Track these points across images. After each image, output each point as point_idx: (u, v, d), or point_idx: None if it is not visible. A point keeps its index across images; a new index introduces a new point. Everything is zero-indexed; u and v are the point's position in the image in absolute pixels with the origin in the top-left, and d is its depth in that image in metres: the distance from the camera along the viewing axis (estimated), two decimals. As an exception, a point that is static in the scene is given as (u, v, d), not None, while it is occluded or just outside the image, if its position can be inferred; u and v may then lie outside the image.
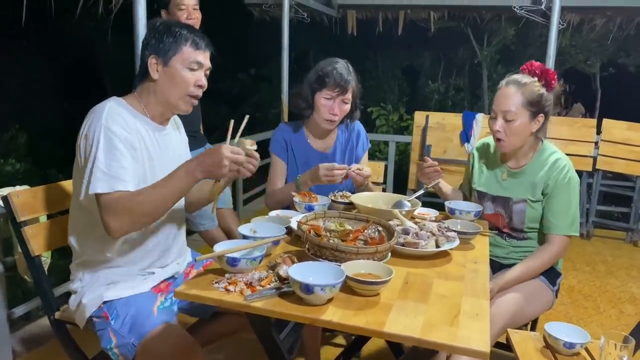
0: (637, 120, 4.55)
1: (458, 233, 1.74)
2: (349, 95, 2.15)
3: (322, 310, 1.23)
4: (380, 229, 1.65)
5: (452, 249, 1.66)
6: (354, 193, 2.10)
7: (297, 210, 1.96)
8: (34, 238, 1.75)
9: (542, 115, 1.94)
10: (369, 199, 1.99)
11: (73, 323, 1.71)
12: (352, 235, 1.57)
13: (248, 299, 1.26)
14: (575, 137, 4.61)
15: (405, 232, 1.66)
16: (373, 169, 2.50)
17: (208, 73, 1.69)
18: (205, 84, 1.67)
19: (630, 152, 4.47)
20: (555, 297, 2.04)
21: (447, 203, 2.00)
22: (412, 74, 10.60)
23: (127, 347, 1.53)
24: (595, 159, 4.58)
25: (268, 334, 1.44)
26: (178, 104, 1.65)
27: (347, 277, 1.29)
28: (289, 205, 2.14)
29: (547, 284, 1.98)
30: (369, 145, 2.40)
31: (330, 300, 1.27)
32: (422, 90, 10.23)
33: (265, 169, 2.35)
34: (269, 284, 1.33)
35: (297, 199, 1.96)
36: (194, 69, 1.63)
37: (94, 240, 1.63)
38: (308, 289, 1.21)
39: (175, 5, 2.60)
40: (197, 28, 2.64)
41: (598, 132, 4.63)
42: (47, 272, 2.00)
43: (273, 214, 1.90)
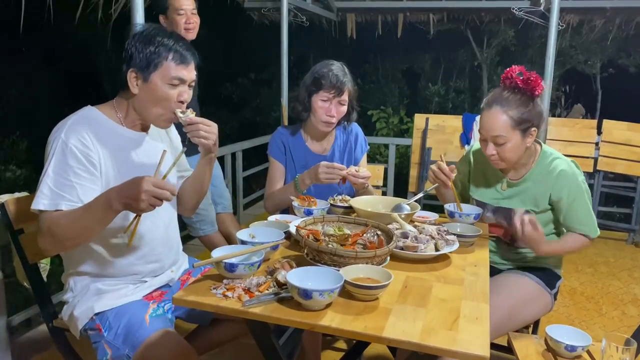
0: (637, 121, 4.55)
1: (458, 236, 1.73)
2: (346, 97, 2.15)
3: (320, 316, 1.22)
4: (379, 233, 1.64)
5: (451, 253, 1.65)
6: (354, 197, 2.10)
7: (296, 215, 1.95)
8: (32, 245, 1.74)
9: (534, 129, 1.87)
10: (368, 203, 1.98)
11: (72, 330, 1.71)
12: (350, 240, 1.56)
13: (246, 305, 1.25)
14: (576, 138, 4.61)
15: (405, 235, 1.65)
16: (373, 172, 2.49)
17: (193, 84, 1.62)
18: (188, 99, 1.59)
19: (631, 152, 4.47)
20: (554, 299, 2.02)
21: (446, 206, 1.98)
22: (412, 77, 10.59)
23: (122, 358, 1.52)
24: (596, 160, 4.57)
25: (267, 340, 1.43)
26: (156, 122, 1.60)
27: (345, 281, 1.28)
28: (288, 210, 2.14)
29: (544, 287, 1.96)
30: (368, 147, 2.40)
31: (329, 305, 1.27)
32: (422, 93, 10.22)
33: (265, 173, 2.36)
34: (268, 290, 1.33)
35: (296, 203, 1.95)
36: (176, 85, 1.55)
37: (79, 252, 1.61)
38: (306, 294, 1.20)
39: (174, 10, 2.60)
40: (195, 32, 2.67)
41: (599, 132, 4.63)
42: (46, 279, 1.99)
43: (272, 219, 1.89)
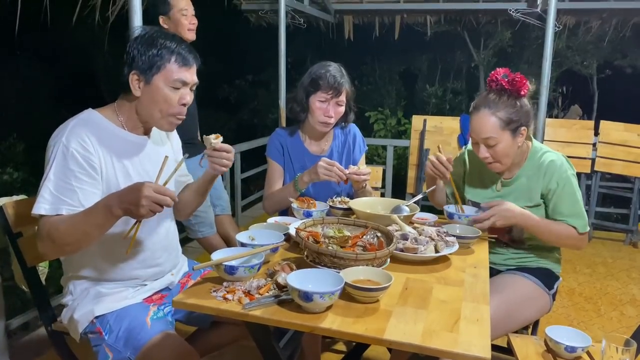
0: (634, 121, 4.56)
1: (457, 238, 1.73)
2: (343, 98, 2.16)
3: (321, 318, 1.22)
4: (379, 235, 1.64)
5: (451, 254, 1.65)
6: (353, 198, 2.10)
7: (295, 217, 1.95)
8: (30, 249, 1.74)
9: (524, 128, 1.90)
10: (368, 205, 1.98)
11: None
12: (350, 242, 1.56)
13: (246, 308, 1.25)
14: (573, 139, 4.61)
15: (404, 237, 1.65)
16: (371, 174, 2.49)
17: (194, 88, 1.62)
18: (190, 101, 1.59)
19: (628, 153, 4.47)
20: (553, 300, 2.02)
21: (446, 207, 1.98)
22: (409, 78, 10.61)
23: None
24: (594, 161, 4.58)
25: (267, 343, 1.43)
26: (160, 124, 1.60)
27: (346, 283, 1.28)
28: (287, 212, 2.14)
29: (542, 288, 1.96)
30: (366, 148, 2.40)
31: (330, 308, 1.27)
32: (419, 94, 10.24)
33: (263, 175, 2.36)
34: (268, 292, 1.32)
35: (295, 205, 1.95)
36: (178, 88, 1.55)
37: (79, 256, 1.60)
38: (307, 297, 1.20)
39: (179, 11, 2.63)
40: (194, 35, 2.68)
41: (596, 133, 4.64)
42: (45, 282, 1.98)
43: (271, 221, 1.89)
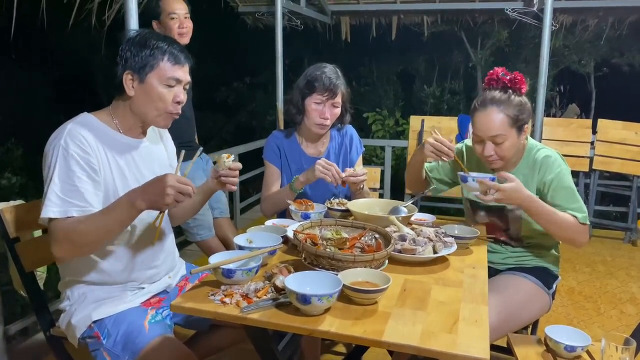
0: (632, 120, 4.56)
1: (455, 238, 1.73)
2: (339, 99, 2.16)
3: (319, 321, 1.22)
4: (377, 236, 1.64)
5: (449, 255, 1.65)
6: (350, 200, 2.10)
7: (293, 219, 1.95)
8: (28, 254, 1.73)
9: (526, 125, 1.91)
10: (365, 206, 1.98)
11: (69, 339, 1.69)
12: (348, 243, 1.56)
13: (244, 311, 1.24)
14: (571, 137, 4.62)
15: (402, 238, 1.65)
16: (369, 175, 2.49)
17: (187, 87, 1.64)
18: (184, 100, 1.61)
19: (626, 151, 4.48)
20: (552, 299, 2.02)
21: (459, 173, 1.93)
22: (407, 79, 10.60)
23: None
24: (592, 159, 4.58)
25: (266, 346, 1.43)
26: (156, 121, 1.61)
27: (344, 286, 1.28)
28: (285, 214, 2.14)
29: (542, 288, 1.96)
30: (363, 149, 2.40)
31: (328, 310, 1.26)
32: (417, 95, 10.22)
33: (261, 177, 2.35)
34: (266, 295, 1.32)
35: (293, 207, 1.95)
36: (172, 86, 1.57)
37: (75, 260, 1.60)
38: (305, 300, 1.20)
39: (167, 15, 2.61)
40: (188, 37, 2.67)
41: (594, 132, 4.64)
42: (43, 287, 1.98)
43: (269, 224, 1.89)
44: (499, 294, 1.84)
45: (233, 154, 1.71)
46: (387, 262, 1.52)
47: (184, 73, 1.60)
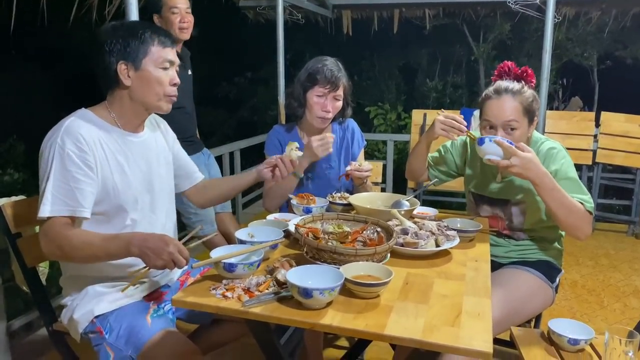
0: (635, 112, 4.54)
1: (458, 231, 1.72)
2: (341, 92, 2.15)
3: (321, 314, 1.22)
4: (379, 230, 1.63)
5: (452, 248, 1.64)
6: (352, 194, 2.09)
7: (294, 213, 1.94)
8: (30, 249, 1.73)
9: (536, 118, 1.93)
10: (367, 200, 1.98)
11: (72, 334, 1.69)
12: (350, 237, 1.56)
13: (246, 305, 1.24)
14: (574, 130, 4.60)
15: (405, 232, 1.64)
16: (372, 169, 2.48)
17: (178, 69, 1.66)
18: (179, 81, 1.64)
19: (629, 144, 4.46)
20: (555, 293, 2.01)
21: (476, 136, 1.90)
22: (409, 73, 10.56)
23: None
24: (595, 152, 4.56)
25: (268, 340, 1.43)
26: (158, 106, 1.62)
27: (346, 279, 1.27)
28: (287, 208, 2.13)
29: (545, 281, 1.95)
30: (365, 143, 2.39)
31: (330, 304, 1.26)
32: (419, 89, 10.19)
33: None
34: (267, 289, 1.32)
35: (294, 201, 1.95)
36: (167, 68, 1.59)
37: None
38: (307, 293, 1.20)
39: (169, 9, 2.61)
40: (189, 31, 2.67)
41: (597, 125, 4.62)
42: (45, 282, 1.98)
43: (270, 218, 1.88)
44: (502, 288, 1.83)
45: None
46: (389, 255, 1.51)
47: (174, 55, 1.63)
